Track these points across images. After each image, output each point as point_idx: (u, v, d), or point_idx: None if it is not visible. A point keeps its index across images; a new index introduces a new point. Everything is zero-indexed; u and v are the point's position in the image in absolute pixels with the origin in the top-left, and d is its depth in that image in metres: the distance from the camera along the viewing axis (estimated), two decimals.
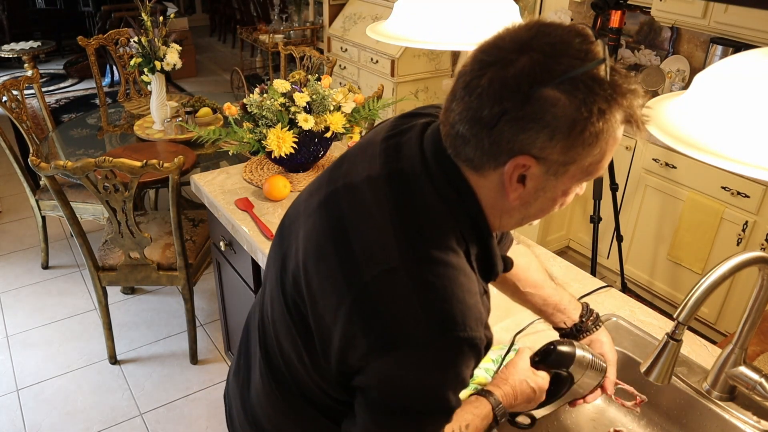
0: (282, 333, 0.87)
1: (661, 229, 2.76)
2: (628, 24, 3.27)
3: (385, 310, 0.71)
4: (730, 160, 0.73)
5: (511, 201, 0.73)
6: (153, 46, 2.73)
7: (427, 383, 0.74)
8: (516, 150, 0.68)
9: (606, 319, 1.32)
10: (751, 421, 1.07)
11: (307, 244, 0.82)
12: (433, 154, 0.76)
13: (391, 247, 0.72)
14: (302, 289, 0.80)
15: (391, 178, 0.77)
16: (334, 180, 0.84)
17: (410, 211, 0.74)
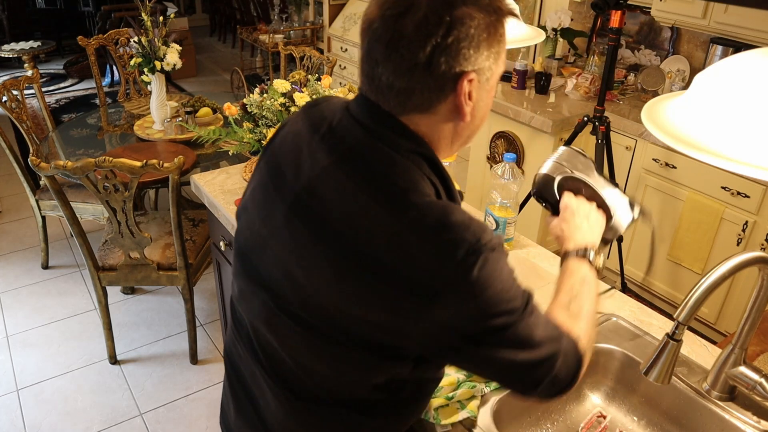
0: (309, 357, 0.85)
1: (661, 229, 2.76)
2: (628, 24, 3.27)
3: (418, 255, 0.73)
4: (730, 160, 0.73)
5: (465, 119, 0.79)
6: (153, 46, 2.73)
7: (501, 289, 0.75)
8: (459, 72, 0.74)
9: (606, 320, 1.32)
10: (751, 421, 1.07)
11: (300, 261, 0.80)
12: (372, 120, 0.79)
13: (386, 219, 0.74)
14: (324, 302, 0.79)
15: (345, 159, 0.79)
16: (285, 191, 0.83)
17: (380, 179, 0.76)
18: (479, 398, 1.09)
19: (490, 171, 3.16)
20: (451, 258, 0.72)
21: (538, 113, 2.84)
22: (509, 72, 3.25)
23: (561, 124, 2.79)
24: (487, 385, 1.11)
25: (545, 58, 3.35)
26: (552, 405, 1.24)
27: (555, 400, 0.89)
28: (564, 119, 2.80)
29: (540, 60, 3.36)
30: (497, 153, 3.19)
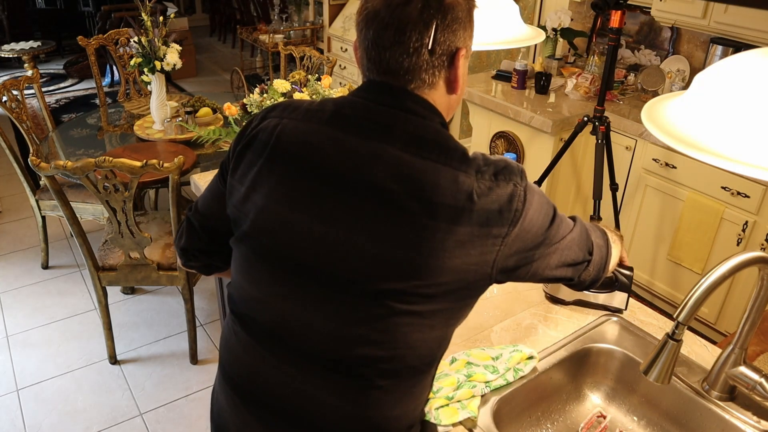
0: (379, 332, 0.85)
1: (661, 229, 2.76)
2: (628, 24, 3.27)
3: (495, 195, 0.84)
4: (730, 160, 0.73)
5: (459, 91, 0.91)
6: (153, 46, 2.73)
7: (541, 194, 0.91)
8: (454, 49, 0.87)
9: (606, 320, 1.32)
10: (751, 421, 1.07)
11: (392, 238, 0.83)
12: (391, 96, 0.87)
13: (461, 177, 0.83)
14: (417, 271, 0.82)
15: (408, 142, 0.85)
16: (355, 187, 0.84)
17: (441, 148, 0.85)
18: (479, 398, 1.09)
19: None
20: (517, 182, 0.86)
21: (538, 113, 2.84)
22: (509, 72, 3.25)
23: (561, 124, 2.79)
24: (487, 385, 1.11)
25: (545, 58, 3.35)
26: (552, 405, 1.24)
27: (598, 283, 1.04)
28: (564, 119, 2.80)
29: (540, 60, 3.36)
30: (497, 153, 3.19)
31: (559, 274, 0.95)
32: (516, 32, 1.35)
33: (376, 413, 0.90)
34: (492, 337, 1.26)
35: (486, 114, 3.17)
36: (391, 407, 0.91)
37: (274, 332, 0.91)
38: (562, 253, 0.93)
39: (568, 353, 1.23)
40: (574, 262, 0.96)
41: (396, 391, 0.90)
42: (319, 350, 0.88)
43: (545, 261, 0.91)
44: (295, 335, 0.89)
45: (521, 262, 0.88)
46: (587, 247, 0.98)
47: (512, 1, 1.37)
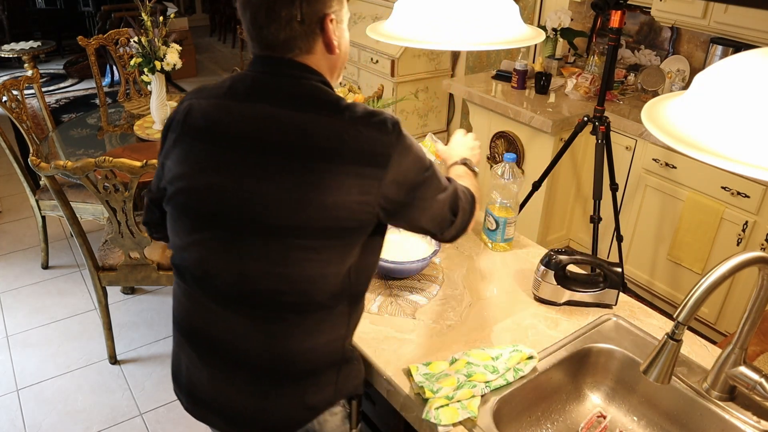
0: (281, 265, 0.98)
1: (661, 229, 2.76)
2: (628, 24, 3.27)
3: (363, 138, 0.97)
4: (730, 160, 0.73)
5: (336, 51, 1.04)
6: (153, 46, 2.73)
7: (417, 146, 1.05)
8: (322, 16, 0.99)
9: (606, 320, 1.32)
10: (751, 421, 1.07)
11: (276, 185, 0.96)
12: (277, 67, 1.01)
13: (333, 123, 0.97)
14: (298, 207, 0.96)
15: (280, 99, 0.99)
16: (242, 144, 0.99)
17: (313, 100, 0.99)
18: (479, 398, 1.09)
19: (490, 171, 3.16)
20: (386, 129, 0.98)
21: (538, 113, 2.84)
22: (509, 72, 3.25)
23: (561, 124, 2.79)
24: (487, 385, 1.11)
25: (545, 58, 3.35)
26: (552, 405, 1.24)
27: (461, 234, 1.17)
28: (564, 119, 2.80)
29: (540, 60, 3.36)
30: (497, 153, 3.19)
31: (427, 226, 1.10)
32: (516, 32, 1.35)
33: (287, 345, 1.03)
34: (492, 337, 1.26)
35: (486, 114, 3.17)
36: (300, 341, 1.03)
37: (196, 275, 1.05)
38: (433, 209, 1.07)
39: (568, 353, 1.23)
40: (441, 219, 1.10)
41: (302, 325, 1.02)
42: (232, 288, 1.02)
43: (419, 211, 1.05)
44: (212, 276, 1.03)
45: (400, 207, 1.02)
46: (454, 208, 1.11)
47: (512, 1, 1.36)
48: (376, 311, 1.33)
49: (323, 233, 0.96)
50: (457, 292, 1.40)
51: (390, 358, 1.19)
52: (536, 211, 3.05)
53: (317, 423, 1.09)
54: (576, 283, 1.35)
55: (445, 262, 1.52)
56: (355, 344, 1.23)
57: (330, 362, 1.07)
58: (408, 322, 1.30)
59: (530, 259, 1.54)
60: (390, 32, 1.31)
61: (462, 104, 4.47)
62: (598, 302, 1.36)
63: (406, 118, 4.41)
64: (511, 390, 1.13)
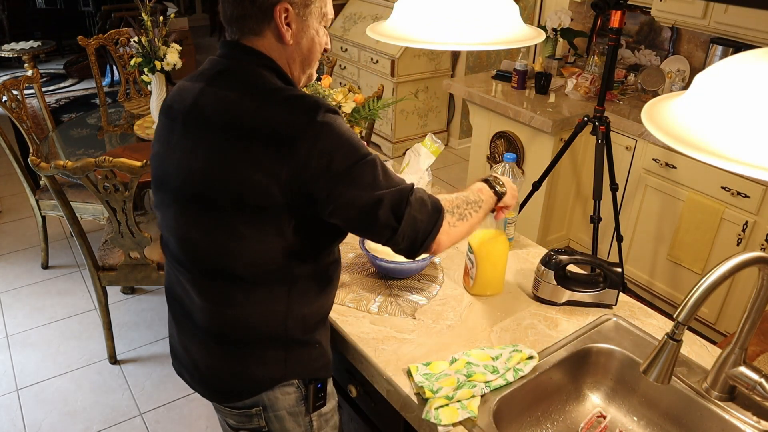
0: (208, 234, 1.04)
1: (661, 229, 2.76)
2: (628, 24, 3.27)
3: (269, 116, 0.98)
4: (730, 160, 0.73)
5: (288, 42, 1.05)
6: (153, 46, 2.73)
7: (348, 136, 1.00)
8: (275, 2, 1.01)
9: (606, 320, 1.32)
10: (751, 421, 1.07)
11: (194, 155, 1.02)
12: (227, 49, 1.06)
13: (248, 100, 0.99)
14: (212, 176, 1.00)
15: (214, 78, 1.05)
16: (177, 116, 1.07)
17: (241, 81, 1.02)
18: (479, 398, 1.09)
19: (490, 171, 3.16)
20: (299, 111, 0.97)
21: (538, 113, 2.84)
22: (509, 72, 3.25)
23: (561, 124, 2.79)
24: (487, 385, 1.11)
25: (545, 58, 3.35)
26: (552, 405, 1.24)
27: (421, 251, 1.05)
28: (564, 119, 2.80)
29: (540, 60, 3.36)
30: (497, 153, 3.19)
31: (357, 228, 1.04)
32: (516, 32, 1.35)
33: (223, 311, 1.08)
34: (492, 337, 1.26)
35: (486, 114, 3.17)
36: (234, 309, 1.07)
37: (165, 242, 1.15)
38: (358, 207, 0.99)
39: (568, 353, 1.23)
40: (374, 222, 1.00)
41: (232, 293, 1.06)
42: (179, 250, 1.10)
43: (342, 208, 0.99)
44: (171, 242, 1.12)
45: (318, 198, 0.98)
46: (396, 213, 1.01)
47: (512, 1, 1.36)
48: (376, 311, 1.33)
49: (233, 206, 0.99)
50: (457, 292, 1.40)
51: (390, 358, 1.19)
52: (536, 211, 3.05)
53: (267, 398, 1.13)
54: (576, 283, 1.35)
55: (445, 262, 1.52)
56: (352, 342, 1.23)
57: (270, 338, 1.10)
58: (408, 322, 1.30)
59: (530, 259, 1.54)
60: (390, 32, 1.31)
61: (462, 104, 4.46)
62: (598, 302, 1.36)
63: (406, 118, 4.41)
64: (511, 390, 1.13)
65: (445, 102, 4.59)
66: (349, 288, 1.41)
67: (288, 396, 1.14)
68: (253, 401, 1.14)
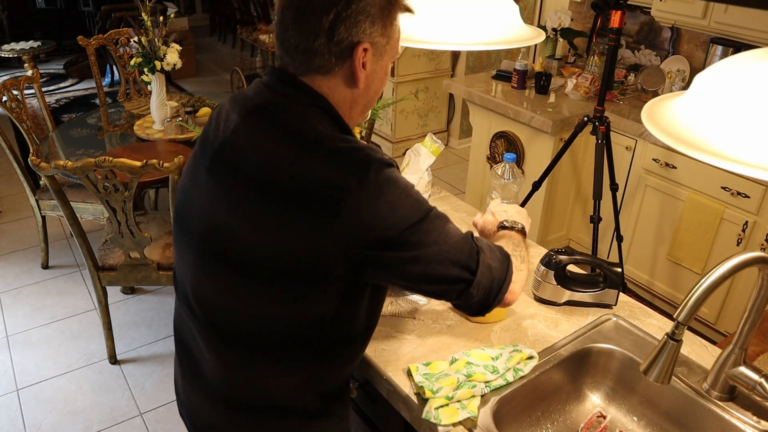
0: (236, 298, 0.92)
1: (661, 229, 2.76)
2: (628, 24, 3.27)
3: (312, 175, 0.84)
4: (730, 160, 0.73)
5: (360, 86, 0.91)
6: (153, 46, 2.73)
7: (408, 194, 0.88)
8: (356, 42, 0.87)
9: (606, 320, 1.32)
10: (751, 421, 1.07)
11: (220, 205, 0.90)
12: (278, 82, 0.91)
13: (287, 152, 0.86)
14: (245, 238, 0.88)
15: (252, 114, 0.91)
16: (208, 150, 0.95)
17: (280, 125, 0.88)
18: (479, 398, 1.09)
19: (490, 171, 3.17)
20: (345, 168, 0.84)
21: (538, 113, 2.84)
22: (509, 72, 3.25)
23: (561, 124, 2.79)
24: (487, 385, 1.11)
25: (545, 58, 3.35)
26: (552, 405, 1.24)
27: (497, 303, 0.98)
28: (564, 119, 2.80)
29: (540, 60, 3.36)
30: (497, 153, 3.19)
31: (426, 288, 0.93)
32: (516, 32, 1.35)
33: (234, 375, 0.98)
34: (492, 337, 1.26)
35: (486, 114, 3.17)
36: (246, 375, 0.98)
37: (174, 276, 1.05)
38: (427, 264, 0.88)
39: (568, 353, 1.23)
40: (445, 278, 0.91)
41: (246, 360, 0.96)
42: (193, 302, 0.98)
43: (404, 268, 0.88)
44: (181, 282, 1.01)
45: (370, 260, 0.86)
46: (466, 264, 0.92)
47: (512, 1, 1.37)
48: None
49: (261, 273, 0.88)
50: None
51: (390, 358, 1.19)
52: (536, 211, 3.05)
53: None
54: (576, 283, 1.35)
55: None
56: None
57: (287, 409, 1.00)
58: (408, 322, 1.30)
59: (530, 259, 1.54)
60: None
61: (462, 104, 4.46)
62: (598, 302, 1.36)
63: (406, 118, 4.41)
64: (511, 390, 1.13)
65: (445, 102, 4.59)
66: None
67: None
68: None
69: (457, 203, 1.82)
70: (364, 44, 0.87)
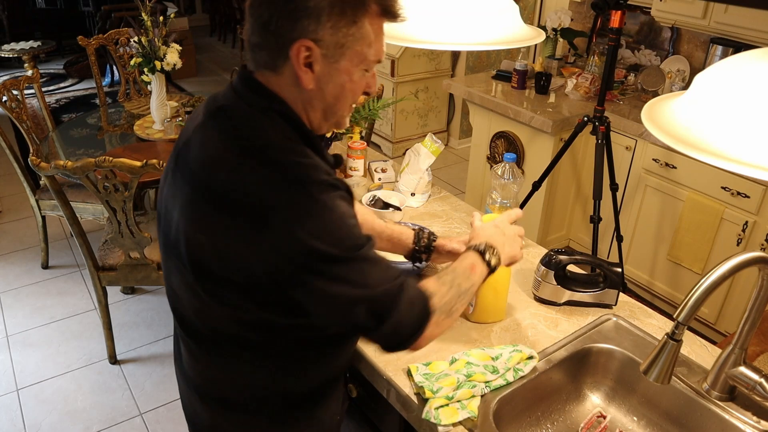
0: (187, 292, 0.95)
1: (661, 229, 2.76)
2: (628, 24, 3.27)
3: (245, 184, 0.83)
4: (730, 160, 0.73)
5: (306, 85, 0.86)
6: (153, 46, 2.73)
7: (339, 224, 0.84)
8: (295, 37, 0.82)
9: (606, 320, 1.32)
10: (751, 421, 1.07)
11: (175, 202, 0.91)
12: (239, 82, 0.90)
13: (231, 159, 0.84)
14: (186, 235, 0.89)
15: (212, 116, 0.90)
16: (176, 149, 0.95)
17: (234, 131, 0.87)
18: (479, 398, 1.09)
19: (490, 171, 3.17)
20: (278, 184, 0.81)
21: (538, 113, 2.84)
22: (509, 72, 3.25)
23: (561, 124, 2.79)
24: (487, 385, 1.11)
25: (545, 58, 3.35)
26: (552, 405, 1.24)
27: (399, 350, 0.95)
28: (564, 119, 2.80)
29: (540, 60, 3.36)
30: (497, 153, 3.19)
31: (332, 323, 0.92)
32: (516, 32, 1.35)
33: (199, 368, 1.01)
34: (492, 337, 1.26)
35: (486, 114, 3.17)
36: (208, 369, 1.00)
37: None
38: (339, 306, 0.85)
39: (568, 353, 1.23)
40: (349, 320, 0.88)
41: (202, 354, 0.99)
42: (169, 294, 1.02)
43: (313, 300, 0.85)
44: (165, 278, 1.03)
45: (286, 283, 0.83)
46: (378, 313, 0.87)
47: (512, 1, 1.37)
48: None
49: (206, 274, 0.88)
50: None
51: (390, 358, 1.19)
52: (536, 211, 3.05)
53: None
54: (576, 283, 1.35)
55: None
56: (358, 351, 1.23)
57: (256, 408, 1.01)
58: None
59: (530, 259, 1.54)
60: (390, 32, 1.31)
61: (462, 104, 4.46)
62: (598, 302, 1.36)
63: (406, 118, 4.41)
64: (511, 390, 1.13)
65: (445, 102, 4.59)
66: None
67: None
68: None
69: (457, 203, 1.82)
70: (304, 42, 0.82)
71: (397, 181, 1.85)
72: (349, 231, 0.85)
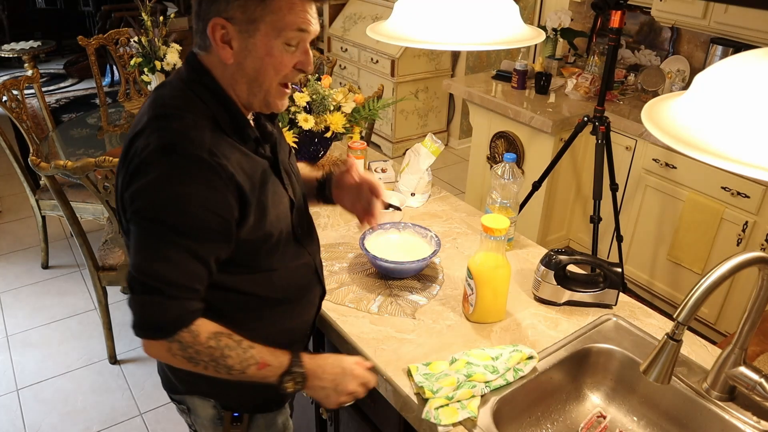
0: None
1: (661, 229, 2.76)
2: (628, 24, 3.27)
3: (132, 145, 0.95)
4: (730, 160, 0.73)
5: (227, 60, 0.94)
6: (153, 45, 2.73)
7: (164, 195, 0.92)
8: (210, 16, 0.92)
9: (606, 320, 1.32)
10: (751, 421, 1.07)
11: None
12: (185, 61, 1.01)
13: (144, 123, 0.94)
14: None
15: (156, 88, 1.01)
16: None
17: (159, 101, 0.97)
18: (479, 398, 1.09)
19: (490, 171, 3.17)
20: (147, 138, 0.91)
21: (538, 113, 2.84)
22: (509, 72, 3.25)
23: (561, 124, 2.79)
24: (487, 385, 1.11)
25: (545, 58, 3.35)
26: (552, 405, 1.24)
27: (137, 334, 1.08)
28: (564, 119, 2.80)
29: (540, 60, 3.36)
30: (497, 153, 3.19)
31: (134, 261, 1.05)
32: (516, 32, 1.35)
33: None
34: (492, 337, 1.26)
35: (486, 114, 3.17)
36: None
37: None
38: (137, 244, 1.01)
39: (568, 353, 1.23)
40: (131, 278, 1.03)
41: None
42: None
43: (133, 238, 1.00)
44: None
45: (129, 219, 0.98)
46: (139, 282, 1.05)
47: (512, 1, 1.36)
48: (376, 311, 1.33)
49: (124, 217, 1.02)
50: (457, 292, 1.40)
51: (390, 358, 1.19)
52: (536, 211, 3.05)
53: (190, 402, 1.17)
54: (576, 283, 1.35)
55: (445, 262, 1.52)
56: (352, 342, 1.23)
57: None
58: (408, 322, 1.30)
59: (530, 259, 1.54)
60: (390, 32, 1.31)
61: (462, 104, 4.47)
62: (598, 302, 1.36)
63: (406, 118, 4.42)
64: (511, 390, 1.13)
65: (445, 102, 4.59)
66: (349, 288, 1.41)
67: (206, 410, 1.16)
68: (180, 398, 1.18)
69: (457, 203, 1.82)
70: (217, 20, 0.91)
71: (397, 181, 1.85)
72: (170, 204, 0.92)
